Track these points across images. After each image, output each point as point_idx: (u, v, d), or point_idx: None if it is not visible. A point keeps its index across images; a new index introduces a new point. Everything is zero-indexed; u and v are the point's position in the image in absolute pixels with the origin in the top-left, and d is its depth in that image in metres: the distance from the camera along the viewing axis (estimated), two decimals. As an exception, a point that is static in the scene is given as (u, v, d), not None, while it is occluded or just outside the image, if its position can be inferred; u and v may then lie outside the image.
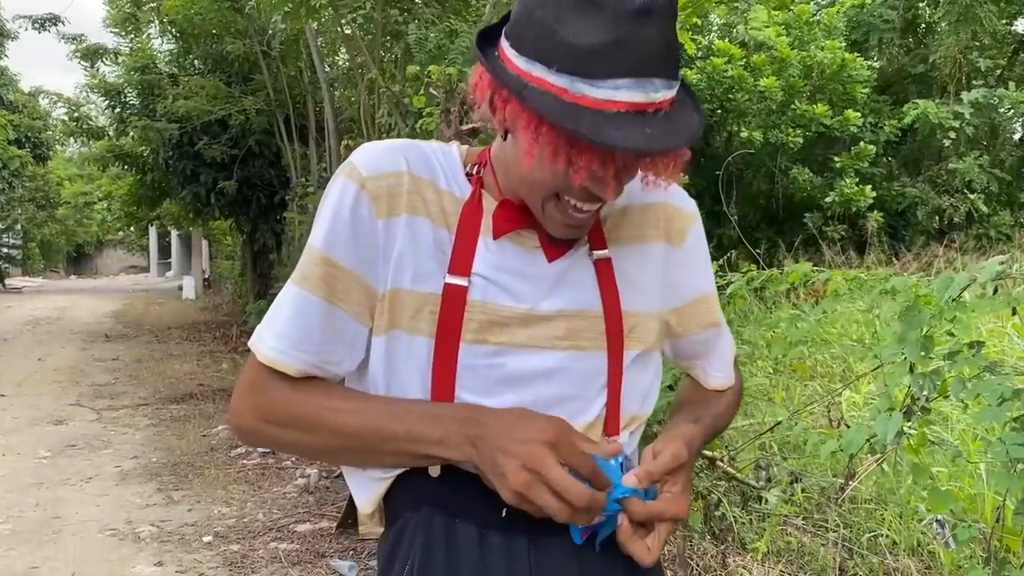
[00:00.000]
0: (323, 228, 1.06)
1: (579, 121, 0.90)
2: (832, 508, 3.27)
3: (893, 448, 2.12)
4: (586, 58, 0.90)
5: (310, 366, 1.06)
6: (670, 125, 0.93)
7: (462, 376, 1.05)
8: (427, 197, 1.07)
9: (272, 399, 1.06)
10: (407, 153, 1.08)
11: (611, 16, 0.89)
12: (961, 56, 12.13)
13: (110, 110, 13.97)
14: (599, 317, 1.10)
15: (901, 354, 2.08)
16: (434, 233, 1.06)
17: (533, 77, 0.93)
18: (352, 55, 9.05)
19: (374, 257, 1.05)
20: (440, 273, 1.05)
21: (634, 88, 0.90)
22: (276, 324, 1.07)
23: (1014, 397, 1.81)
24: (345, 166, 1.08)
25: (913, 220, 12.57)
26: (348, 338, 1.06)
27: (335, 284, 1.05)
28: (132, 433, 6.79)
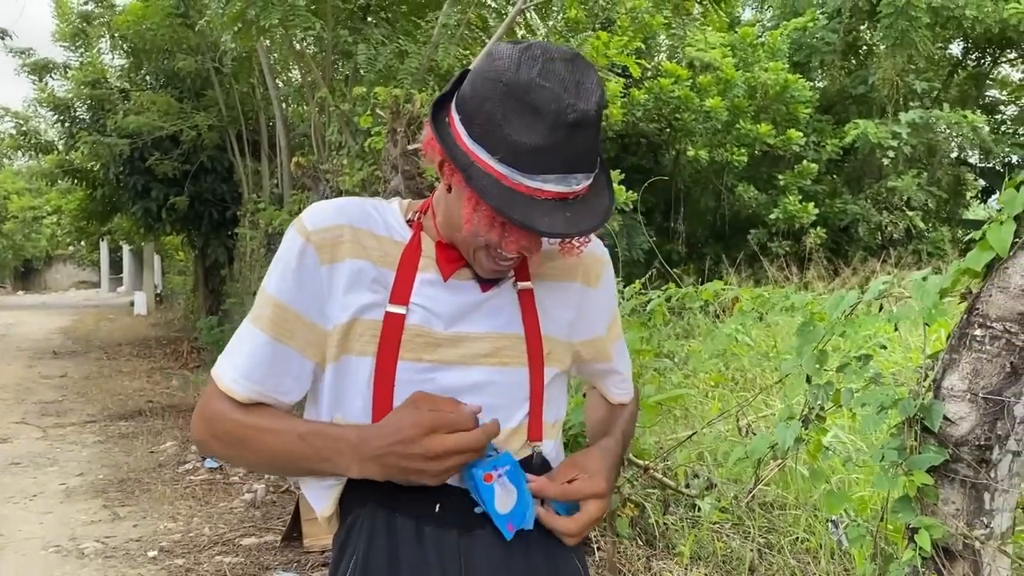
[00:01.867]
0: (275, 275, 1.23)
1: (513, 206, 1.08)
2: (755, 514, 3.43)
3: (794, 454, 2.28)
4: (525, 156, 1.07)
5: (257, 394, 1.22)
6: (586, 208, 1.12)
7: (400, 390, 1.20)
8: (367, 244, 1.23)
9: (217, 419, 1.23)
10: (349, 209, 1.25)
11: (549, 125, 1.06)
12: (899, 78, 12.56)
13: (59, 125, 13.83)
14: (521, 339, 1.28)
15: (799, 366, 2.25)
16: (375, 271, 1.22)
17: (478, 158, 1.10)
18: (304, 72, 9.13)
19: (320, 299, 1.21)
20: (381, 304, 1.22)
21: (560, 182, 1.09)
22: (232, 356, 1.24)
23: (892, 406, 1.98)
24: (295, 222, 1.25)
25: (855, 236, 12.95)
26: (293, 371, 1.23)
27: (282, 324, 1.21)
28: (79, 450, 6.77)
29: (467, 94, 1.13)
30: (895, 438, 1.95)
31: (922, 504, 1.92)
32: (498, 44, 1.15)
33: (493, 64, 1.10)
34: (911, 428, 1.94)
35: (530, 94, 1.06)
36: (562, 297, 1.34)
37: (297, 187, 9.00)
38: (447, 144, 1.13)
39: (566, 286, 1.34)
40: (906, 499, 1.89)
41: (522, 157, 1.07)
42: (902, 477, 1.86)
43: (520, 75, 1.07)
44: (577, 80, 1.09)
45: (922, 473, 1.85)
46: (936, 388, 1.96)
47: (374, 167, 6.21)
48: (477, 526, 1.21)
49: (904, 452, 1.91)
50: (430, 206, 1.30)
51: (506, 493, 1.19)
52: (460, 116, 1.13)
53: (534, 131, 1.06)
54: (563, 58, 1.10)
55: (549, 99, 1.06)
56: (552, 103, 1.06)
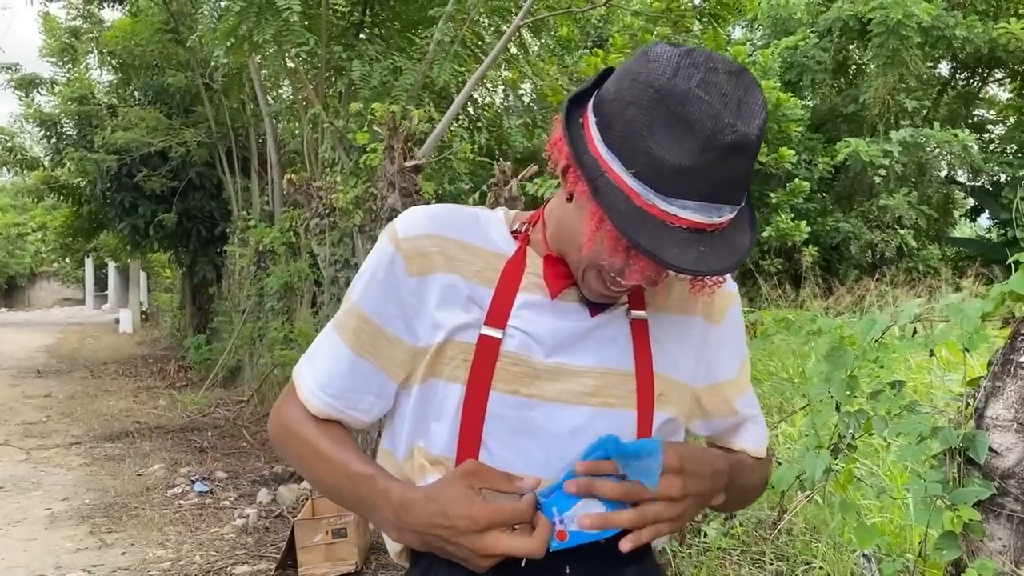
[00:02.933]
0: (361, 282, 1.14)
1: (641, 231, 0.94)
2: (768, 542, 3.33)
3: (822, 485, 2.18)
4: (666, 176, 0.93)
5: (333, 410, 1.15)
6: (723, 245, 0.97)
7: (490, 424, 1.08)
8: (461, 256, 1.12)
9: (288, 426, 1.17)
10: (445, 217, 1.14)
11: (701, 144, 0.92)
12: (889, 97, 12.61)
13: (46, 141, 13.68)
14: (630, 375, 1.13)
15: (828, 393, 2.16)
16: (469, 289, 1.11)
17: (610, 169, 0.96)
18: (296, 89, 9.04)
19: (407, 314, 1.11)
20: (476, 325, 1.10)
21: (700, 211, 0.95)
22: (313, 362, 1.18)
23: (932, 435, 1.89)
24: (388, 228, 1.15)
25: (847, 254, 12.95)
26: (374, 388, 1.14)
27: (363, 337, 1.13)
28: (64, 473, 6.60)
29: (609, 95, 0.99)
30: (936, 470, 1.85)
31: (967, 540, 1.82)
32: (656, 44, 1.00)
33: (647, 65, 0.96)
34: (953, 459, 1.85)
35: (685, 106, 0.92)
36: (680, 332, 1.18)
37: (289, 204, 8.88)
38: (576, 147, 1.00)
39: (685, 320, 1.19)
40: (951, 535, 1.79)
41: (663, 175, 0.93)
42: (947, 512, 1.76)
43: (677, 82, 0.93)
44: (740, 97, 0.95)
45: (968, 508, 1.75)
46: (979, 417, 1.87)
47: (368, 184, 6.11)
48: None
49: (947, 485, 1.82)
50: (540, 218, 1.17)
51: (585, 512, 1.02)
52: (597, 119, 0.99)
53: (682, 148, 0.92)
54: (727, 71, 0.96)
55: (706, 114, 0.92)
56: (709, 120, 0.92)
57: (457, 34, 7.22)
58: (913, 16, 11.54)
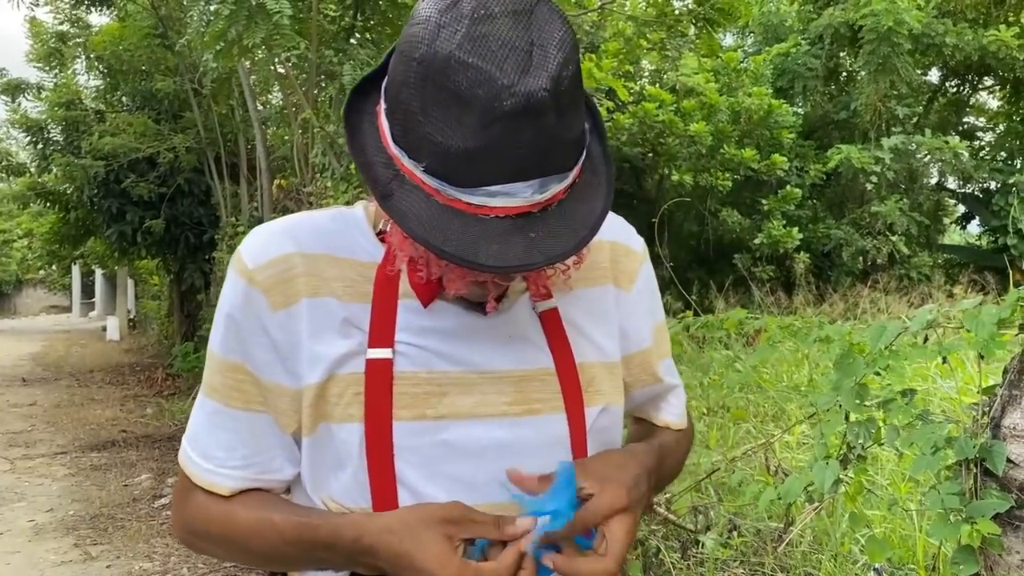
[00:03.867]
0: (220, 331, 0.97)
1: (447, 233, 0.78)
2: (768, 553, 3.27)
3: (831, 496, 2.12)
4: (455, 163, 0.77)
5: (245, 481, 0.97)
6: (560, 223, 0.81)
7: (402, 460, 0.92)
8: (326, 273, 0.95)
9: (199, 519, 1.00)
10: (298, 231, 0.97)
11: (479, 118, 0.75)
12: (880, 104, 12.62)
13: (32, 146, 13.54)
14: (552, 374, 0.98)
15: (836, 402, 2.10)
16: (343, 310, 0.94)
17: (403, 166, 0.81)
18: (286, 94, 8.96)
19: (280, 355, 0.94)
20: (359, 352, 0.93)
21: (513, 193, 0.78)
22: (198, 441, 0.99)
23: (947, 446, 1.83)
24: (234, 259, 0.98)
25: (838, 261, 12.94)
26: (277, 442, 0.97)
27: (247, 389, 0.96)
28: (48, 484, 6.48)
29: (389, 75, 0.83)
30: (952, 482, 1.79)
31: (985, 555, 1.76)
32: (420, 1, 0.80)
33: (409, 31, 0.79)
34: (969, 471, 1.79)
35: (449, 75, 0.74)
36: (595, 307, 1.04)
37: (278, 210, 8.80)
38: (366, 148, 0.84)
39: (596, 293, 1.05)
40: (968, 549, 1.73)
41: (451, 164, 0.77)
42: (965, 526, 1.70)
43: (438, 47, 0.75)
44: (530, 41, 0.75)
45: (987, 522, 1.69)
46: (995, 427, 1.82)
47: (359, 190, 6.04)
48: None
49: (964, 498, 1.76)
50: None
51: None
52: (386, 106, 0.83)
53: (462, 128, 0.75)
54: (510, 11, 0.76)
55: (476, 81, 0.74)
56: (480, 87, 0.74)
57: (449, 39, 7.16)
58: (904, 23, 11.56)
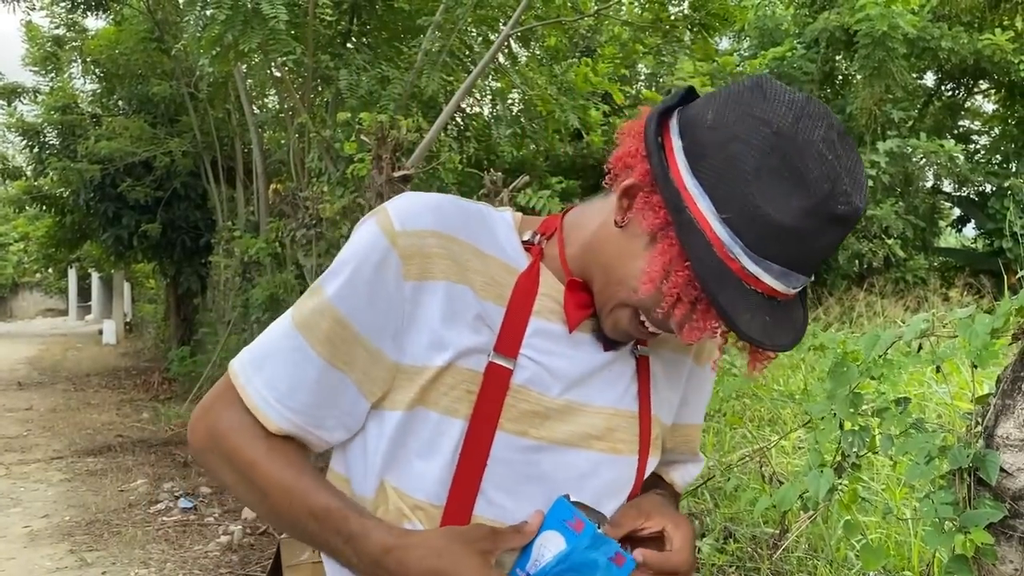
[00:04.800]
0: (340, 279, 0.93)
1: (722, 287, 0.82)
2: (764, 559, 3.27)
3: (826, 504, 2.12)
4: (761, 231, 0.82)
5: (294, 426, 0.95)
6: (785, 318, 0.87)
7: (492, 469, 0.93)
8: (471, 263, 0.94)
9: (230, 441, 0.95)
10: (451, 212, 0.96)
11: (812, 206, 0.81)
12: (876, 107, 12.64)
13: (28, 150, 13.53)
14: (635, 418, 1.03)
15: (831, 411, 2.10)
16: (478, 305, 0.94)
17: (695, 206, 0.83)
18: (282, 98, 8.96)
19: (396, 325, 0.92)
20: (483, 350, 0.94)
21: (781, 277, 0.84)
22: (268, 366, 0.95)
23: (941, 455, 1.83)
24: (378, 211, 0.95)
25: (834, 264, 12.94)
26: (345, 406, 0.95)
27: (338, 344, 0.93)
28: (44, 489, 6.46)
29: (707, 121, 0.85)
30: (946, 491, 1.80)
31: (978, 564, 1.77)
32: (770, 79, 0.87)
33: (765, 102, 0.83)
34: (963, 480, 1.80)
35: (805, 160, 0.81)
36: (673, 372, 1.09)
37: (274, 214, 8.80)
38: (659, 174, 0.85)
39: (679, 360, 1.10)
40: (962, 559, 1.74)
41: (757, 230, 0.81)
42: (958, 535, 1.71)
43: (799, 131, 0.81)
44: (852, 165, 0.84)
45: (981, 531, 1.70)
46: (988, 436, 1.82)
47: (356, 194, 6.05)
48: None
49: (957, 507, 1.76)
50: (556, 229, 1.01)
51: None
52: (685, 143, 0.86)
53: (789, 205, 0.80)
54: (840, 131, 0.85)
55: (825, 176, 0.81)
56: (827, 182, 0.81)
57: (445, 44, 7.18)
58: (899, 28, 11.58)
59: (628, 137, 0.91)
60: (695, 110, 0.88)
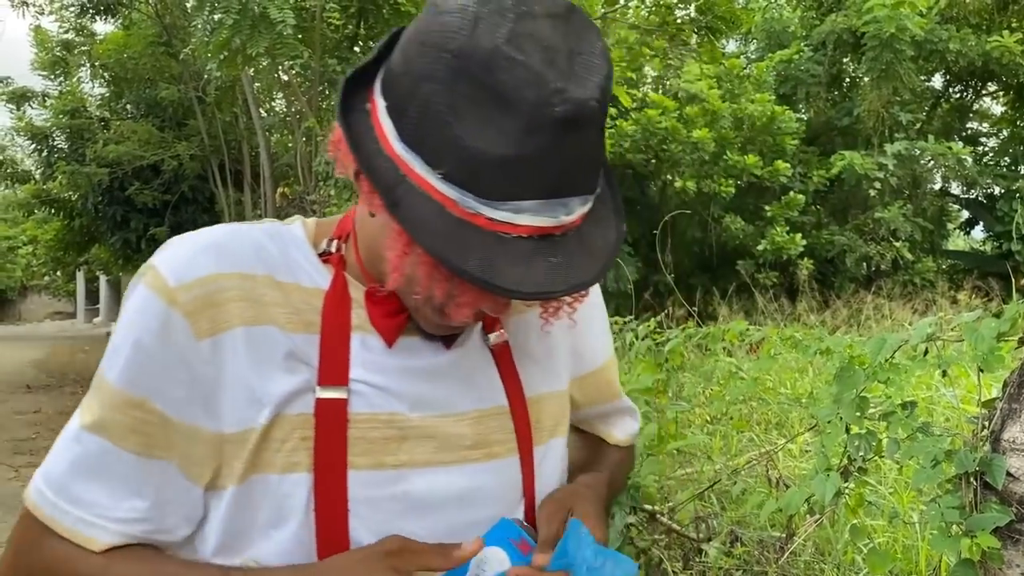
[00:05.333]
0: (121, 359, 0.80)
1: (466, 251, 0.70)
2: (771, 563, 3.28)
3: (832, 508, 2.12)
4: (486, 172, 0.69)
5: (128, 538, 0.81)
6: (579, 249, 0.75)
7: (356, 513, 0.82)
8: (267, 297, 0.82)
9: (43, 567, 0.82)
10: (231, 247, 0.83)
11: (525, 123, 0.68)
12: (883, 110, 12.62)
13: (37, 154, 13.62)
14: (506, 412, 0.92)
15: (837, 415, 2.10)
16: (287, 341, 0.82)
17: (412, 171, 0.71)
18: (289, 102, 9.03)
19: (203, 392, 0.80)
20: (307, 389, 0.82)
21: (540, 211, 0.71)
22: (66, 483, 0.81)
23: (947, 459, 1.83)
24: (144, 271, 0.83)
25: (842, 267, 12.93)
26: (182, 497, 0.82)
27: (150, 433, 0.80)
28: (53, 491, 6.49)
29: (397, 68, 0.73)
30: (952, 495, 1.80)
31: (985, 568, 1.76)
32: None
33: (438, 18, 0.70)
34: (969, 484, 1.79)
35: (494, 72, 0.67)
36: (545, 334, 0.96)
37: (282, 218, 8.84)
38: (363, 146, 0.74)
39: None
40: (968, 563, 1.73)
41: (481, 173, 0.69)
42: (965, 539, 1.71)
43: (477, 41, 0.67)
44: (571, 48, 0.69)
45: (987, 535, 1.70)
46: (995, 440, 1.82)
47: (363, 198, 6.09)
48: None
49: (964, 511, 1.76)
50: (351, 231, 0.89)
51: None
52: (387, 103, 0.73)
53: (501, 132, 0.68)
54: (550, 13, 0.70)
55: (525, 81, 0.67)
56: (529, 88, 0.67)
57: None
58: (906, 30, 11.57)
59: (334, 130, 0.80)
60: (394, 58, 0.75)
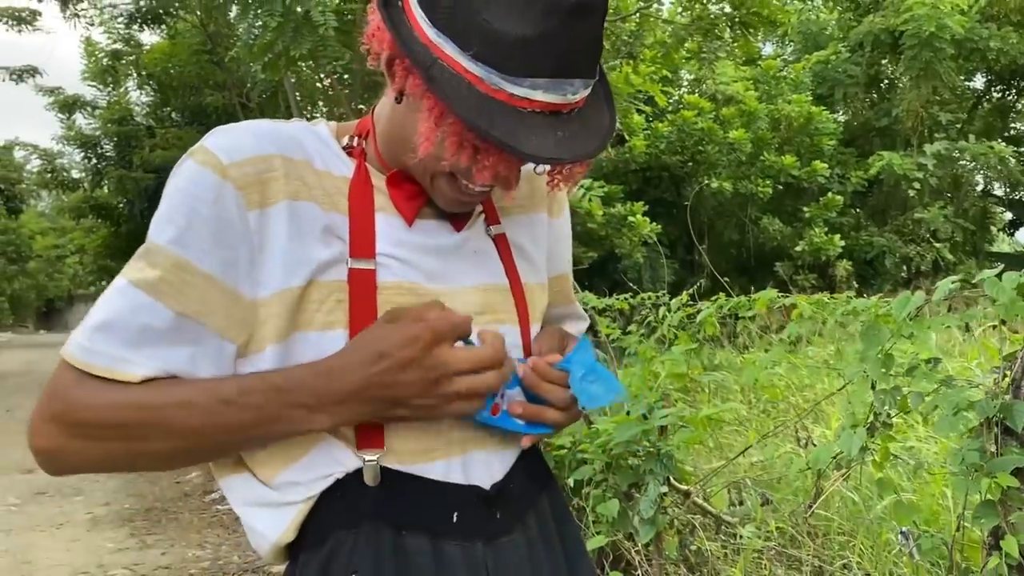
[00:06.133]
0: (175, 225, 0.87)
1: (492, 120, 0.82)
2: (803, 536, 3.32)
3: (859, 463, 2.19)
4: (509, 51, 0.81)
5: (161, 371, 0.87)
6: (582, 128, 0.87)
7: None
8: (308, 179, 0.93)
9: (88, 409, 0.85)
10: (274, 135, 0.94)
11: (543, 8, 0.81)
12: (923, 110, 12.53)
13: (86, 161, 14.03)
14: (507, 290, 1.05)
15: (863, 372, 2.16)
16: (324, 217, 0.93)
17: (444, 54, 0.83)
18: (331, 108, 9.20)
19: (247, 259, 0.88)
20: (340, 260, 0.93)
21: (552, 89, 0.84)
22: (115, 329, 0.86)
23: (969, 408, 1.89)
24: (197, 151, 0.90)
25: (881, 269, 12.82)
26: (210, 355, 0.89)
27: (188, 293, 0.86)
28: (104, 481, 6.70)
29: None
30: (974, 440, 1.85)
31: (1006, 509, 1.82)
32: None
33: None
34: (990, 431, 1.85)
35: None
36: (532, 232, 1.12)
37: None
38: (401, 34, 0.85)
39: (534, 219, 1.13)
40: (989, 503, 1.79)
41: (505, 52, 0.81)
42: (985, 479, 1.77)
43: None
44: None
45: (1007, 475, 1.75)
46: (1016, 389, 1.88)
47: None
48: (502, 532, 0.99)
49: (985, 455, 1.82)
50: (370, 128, 1.01)
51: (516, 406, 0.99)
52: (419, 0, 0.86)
53: (523, 16, 0.80)
54: None
55: None
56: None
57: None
58: (946, 28, 11.48)
59: (372, 13, 0.92)
60: None
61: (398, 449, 0.94)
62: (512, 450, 1.04)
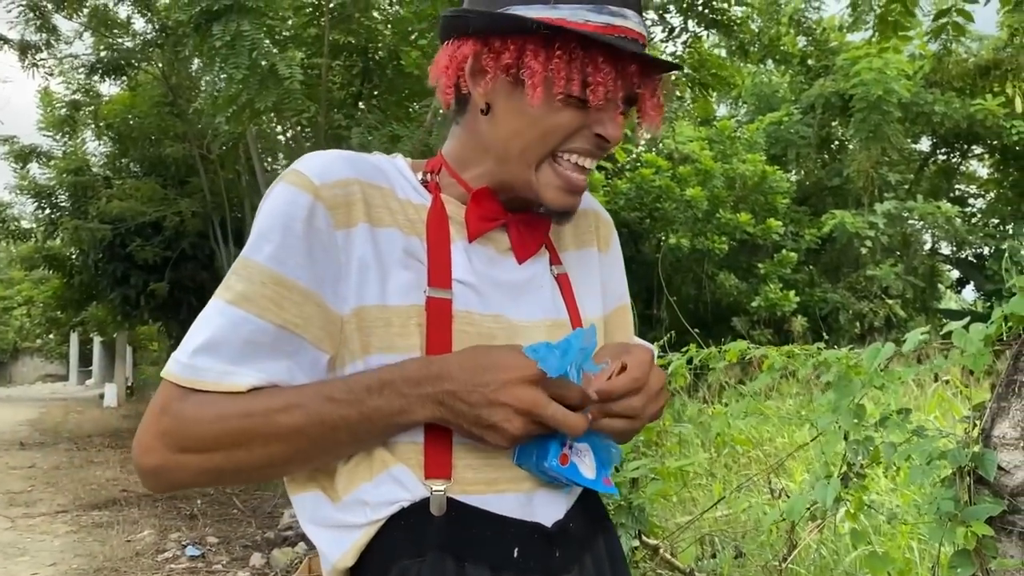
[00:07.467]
0: (271, 243, 0.93)
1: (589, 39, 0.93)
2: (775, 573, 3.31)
3: (833, 514, 2.20)
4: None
5: (265, 381, 0.92)
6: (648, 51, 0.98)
7: None
8: (391, 206, 1.00)
9: (196, 422, 0.90)
10: (359, 162, 1.00)
11: None
12: (872, 170, 12.90)
13: (39, 211, 13.76)
14: (568, 326, 1.07)
15: (835, 423, 2.19)
16: (404, 241, 0.99)
17: (527, 18, 0.94)
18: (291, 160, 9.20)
19: (333, 275, 0.94)
20: (418, 284, 0.98)
21: (618, 16, 0.95)
22: (220, 347, 0.91)
23: (941, 457, 1.92)
24: (289, 174, 0.97)
25: (836, 325, 13.04)
26: (306, 366, 0.94)
27: (289, 308, 0.92)
28: (50, 540, 6.46)
29: None
30: (947, 488, 1.88)
31: (980, 558, 1.84)
32: None
33: None
34: (963, 479, 1.88)
35: None
36: (585, 268, 1.15)
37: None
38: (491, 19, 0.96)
39: (588, 254, 1.16)
40: (965, 553, 1.81)
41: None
42: (960, 528, 1.79)
43: None
44: None
45: (981, 523, 1.78)
46: (986, 438, 1.91)
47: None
48: (560, 571, 0.99)
49: (959, 503, 1.84)
50: (441, 165, 1.06)
51: (584, 456, 0.98)
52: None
53: None
54: None
55: None
56: None
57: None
58: (893, 92, 11.91)
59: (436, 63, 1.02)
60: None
61: (464, 479, 0.96)
62: (574, 490, 1.06)
